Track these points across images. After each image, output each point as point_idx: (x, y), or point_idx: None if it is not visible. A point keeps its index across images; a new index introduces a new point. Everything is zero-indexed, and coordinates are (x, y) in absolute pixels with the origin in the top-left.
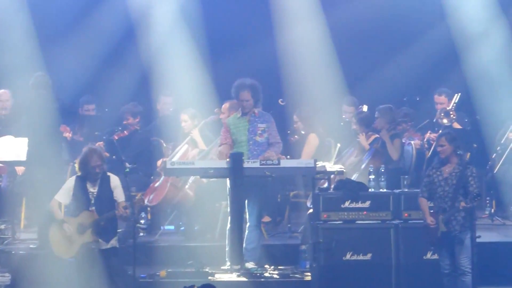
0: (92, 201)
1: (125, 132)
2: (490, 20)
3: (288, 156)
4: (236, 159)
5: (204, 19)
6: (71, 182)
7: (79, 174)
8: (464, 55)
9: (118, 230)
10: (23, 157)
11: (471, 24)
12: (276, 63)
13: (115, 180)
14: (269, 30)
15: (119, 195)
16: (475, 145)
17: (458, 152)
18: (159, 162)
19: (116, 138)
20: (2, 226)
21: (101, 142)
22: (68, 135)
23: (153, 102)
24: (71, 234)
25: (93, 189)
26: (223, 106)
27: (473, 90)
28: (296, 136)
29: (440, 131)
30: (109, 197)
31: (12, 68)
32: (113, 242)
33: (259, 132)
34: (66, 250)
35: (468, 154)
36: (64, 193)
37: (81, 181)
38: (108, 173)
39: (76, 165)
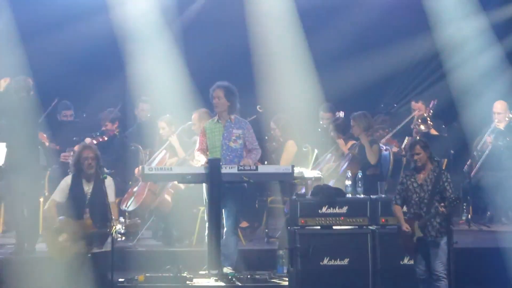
0: (87, 200)
1: (104, 137)
2: (470, 31)
3: (266, 162)
4: (213, 165)
5: (183, 26)
6: (67, 180)
7: (73, 172)
8: (445, 64)
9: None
10: (0, 162)
11: (451, 35)
12: (253, 71)
13: (108, 180)
14: (245, 39)
15: (110, 195)
16: (452, 151)
17: (435, 159)
18: (137, 169)
19: (95, 143)
20: None
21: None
22: (45, 142)
23: (131, 108)
24: (66, 242)
25: (88, 188)
26: (193, 116)
27: (451, 97)
28: (274, 143)
29: (412, 139)
30: (103, 196)
31: None
32: (101, 248)
33: (234, 138)
34: (59, 254)
35: (445, 161)
36: (61, 192)
37: (77, 179)
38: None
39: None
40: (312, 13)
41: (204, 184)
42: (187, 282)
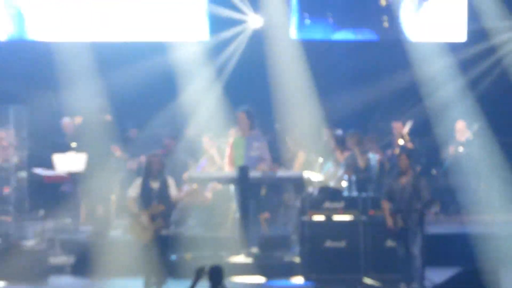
0: (154, 195)
1: (165, 150)
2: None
3: (283, 168)
4: (243, 171)
5: (220, 64)
6: (139, 180)
7: (143, 174)
8: (421, 92)
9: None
10: (81, 169)
11: (425, 70)
12: (273, 98)
13: (171, 180)
14: (266, 75)
15: (173, 191)
16: (424, 160)
17: (416, 168)
18: (185, 173)
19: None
20: (67, 220)
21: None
22: (118, 153)
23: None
24: (146, 223)
25: (154, 186)
26: (229, 132)
27: (425, 118)
28: (289, 153)
29: (399, 150)
30: (167, 192)
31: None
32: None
33: (253, 149)
34: (142, 236)
35: (419, 168)
36: (134, 189)
37: (146, 179)
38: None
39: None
40: (320, 56)
41: (232, 185)
42: (223, 259)
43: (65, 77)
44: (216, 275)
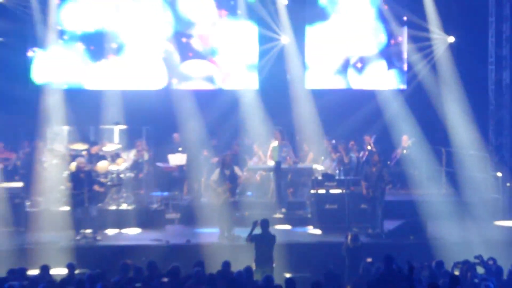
0: (226, 178)
1: (233, 151)
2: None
3: (301, 163)
4: (278, 163)
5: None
6: (217, 169)
7: (220, 166)
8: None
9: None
10: (184, 163)
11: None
12: (293, 121)
13: (237, 169)
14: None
15: (238, 174)
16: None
17: (387, 162)
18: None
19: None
20: (176, 192)
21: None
22: (205, 153)
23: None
24: (220, 193)
25: (227, 172)
26: (270, 141)
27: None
28: (303, 153)
29: (368, 152)
30: (234, 176)
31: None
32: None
33: (283, 152)
34: (218, 200)
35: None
36: (215, 175)
37: (222, 169)
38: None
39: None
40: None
41: (271, 172)
42: (267, 215)
43: (176, 112)
44: (265, 225)
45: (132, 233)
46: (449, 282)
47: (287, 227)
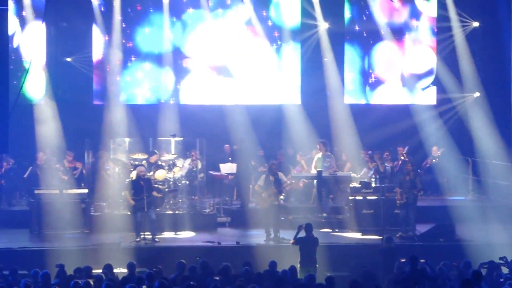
0: (272, 183)
1: (278, 161)
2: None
3: (339, 171)
4: (319, 172)
5: None
6: (263, 176)
7: (267, 173)
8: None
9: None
10: (234, 171)
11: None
12: (333, 135)
13: (281, 175)
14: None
15: (284, 180)
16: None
17: (418, 171)
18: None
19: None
20: (227, 198)
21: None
22: (253, 163)
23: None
24: (266, 197)
25: (272, 179)
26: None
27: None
28: (341, 162)
29: (402, 162)
30: (279, 182)
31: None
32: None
33: (326, 161)
34: (263, 203)
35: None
36: (261, 181)
37: (268, 176)
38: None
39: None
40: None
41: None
42: (309, 219)
43: (227, 125)
44: (309, 228)
45: (187, 235)
46: (472, 277)
47: (328, 230)
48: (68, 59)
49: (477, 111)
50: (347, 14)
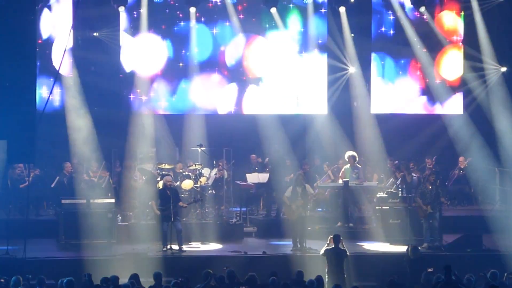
0: (298, 195)
1: (304, 171)
2: None
3: (366, 181)
4: (345, 183)
5: None
6: (290, 187)
7: (293, 184)
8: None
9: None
10: (260, 180)
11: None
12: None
13: (308, 186)
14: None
15: (309, 192)
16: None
17: (437, 182)
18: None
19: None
20: (253, 207)
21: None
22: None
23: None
24: (294, 209)
25: (299, 190)
26: (339, 162)
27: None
28: (368, 175)
29: (428, 172)
30: (305, 193)
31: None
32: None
33: (354, 173)
34: (291, 215)
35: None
36: (288, 192)
37: (294, 186)
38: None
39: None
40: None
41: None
42: (336, 228)
43: (253, 135)
44: (337, 240)
45: (214, 245)
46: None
47: (354, 240)
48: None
49: (504, 120)
50: (374, 24)
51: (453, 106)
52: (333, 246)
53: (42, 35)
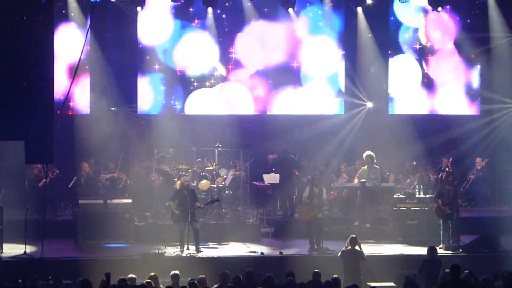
0: (314, 196)
1: (321, 171)
2: None
3: (383, 182)
4: (362, 183)
5: None
6: (308, 187)
7: (309, 184)
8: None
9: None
10: (277, 181)
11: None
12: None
13: (324, 190)
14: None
15: (324, 194)
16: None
17: (455, 182)
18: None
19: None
20: (269, 208)
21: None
22: (296, 173)
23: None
24: (309, 210)
25: (316, 190)
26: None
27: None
28: (386, 176)
29: (446, 173)
30: (321, 194)
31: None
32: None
33: (372, 174)
34: (306, 216)
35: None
36: (305, 192)
37: (311, 187)
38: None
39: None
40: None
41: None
42: (354, 229)
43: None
44: (353, 242)
45: (231, 246)
46: None
47: (371, 241)
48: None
49: None
50: (392, 24)
51: (470, 107)
52: (349, 248)
53: None
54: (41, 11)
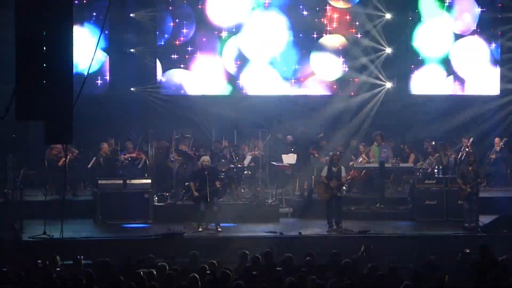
0: (334, 175)
1: (339, 151)
2: None
3: (401, 162)
4: (381, 163)
5: None
6: (326, 167)
7: (328, 164)
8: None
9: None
10: (294, 162)
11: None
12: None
13: (343, 167)
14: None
15: (343, 173)
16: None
17: (476, 162)
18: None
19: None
20: (288, 188)
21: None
22: (316, 154)
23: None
24: (328, 189)
25: (334, 170)
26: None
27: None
28: (405, 155)
29: (467, 153)
30: (340, 174)
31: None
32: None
33: (383, 153)
34: (325, 195)
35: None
36: (324, 172)
37: (330, 167)
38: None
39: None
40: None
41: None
42: (372, 209)
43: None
44: (368, 250)
45: (249, 226)
46: None
47: (390, 220)
48: (132, 50)
49: None
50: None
51: (489, 86)
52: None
53: None
54: None
